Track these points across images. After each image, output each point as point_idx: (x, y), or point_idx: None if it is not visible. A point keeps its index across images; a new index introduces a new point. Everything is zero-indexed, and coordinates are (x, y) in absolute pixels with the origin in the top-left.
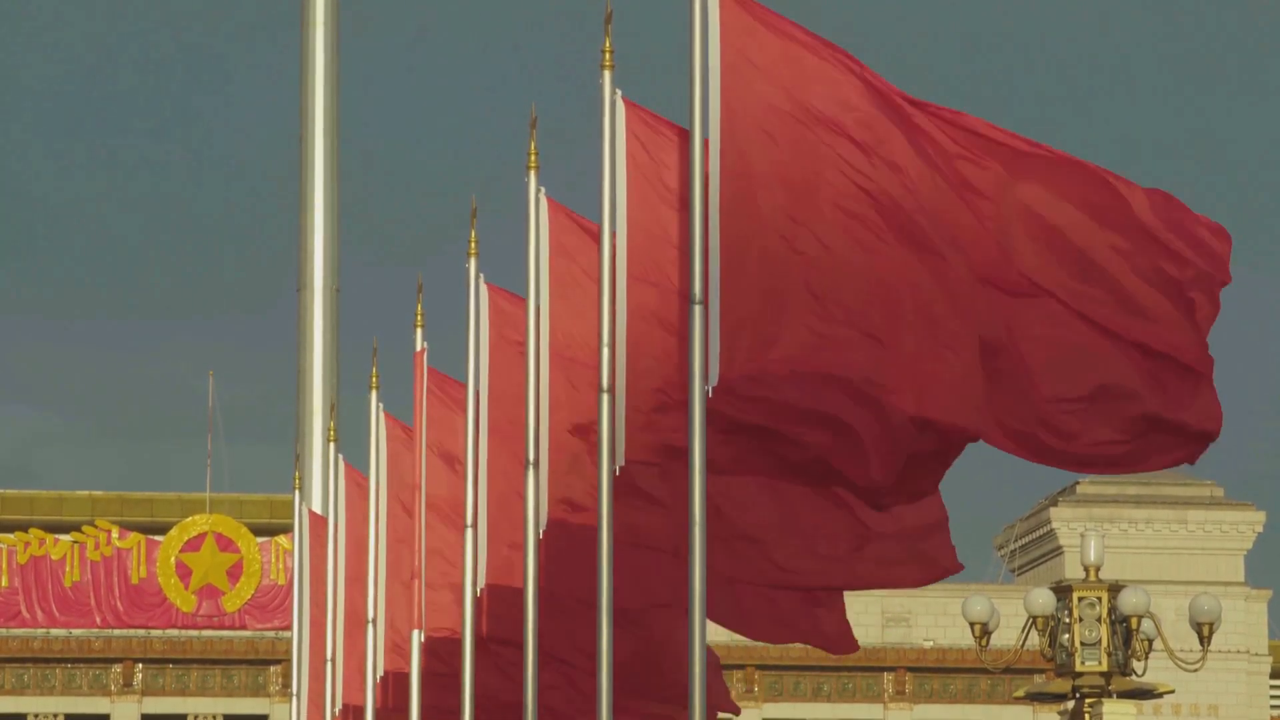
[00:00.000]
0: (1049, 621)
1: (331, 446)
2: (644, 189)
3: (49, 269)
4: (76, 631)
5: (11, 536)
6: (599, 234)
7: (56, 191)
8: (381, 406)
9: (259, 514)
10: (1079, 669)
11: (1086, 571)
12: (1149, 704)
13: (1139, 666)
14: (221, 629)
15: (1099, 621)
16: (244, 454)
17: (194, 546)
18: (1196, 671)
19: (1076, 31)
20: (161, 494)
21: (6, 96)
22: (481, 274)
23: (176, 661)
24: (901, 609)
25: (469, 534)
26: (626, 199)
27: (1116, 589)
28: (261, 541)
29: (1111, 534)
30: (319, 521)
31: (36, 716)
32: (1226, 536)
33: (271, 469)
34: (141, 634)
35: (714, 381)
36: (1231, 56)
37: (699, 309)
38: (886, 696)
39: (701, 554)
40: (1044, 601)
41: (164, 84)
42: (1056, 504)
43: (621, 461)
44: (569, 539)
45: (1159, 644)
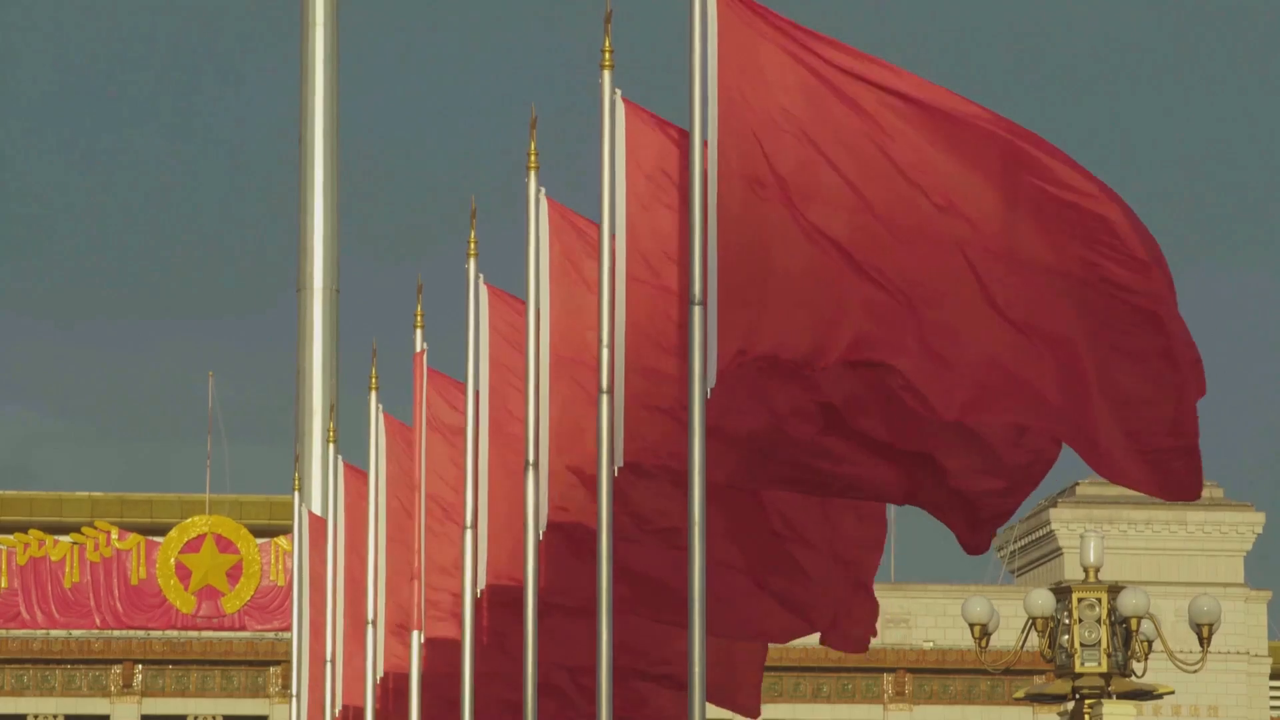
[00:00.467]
0: (1049, 622)
1: (331, 447)
2: (644, 189)
3: (49, 269)
4: (76, 632)
5: (11, 538)
6: (599, 234)
7: (56, 191)
8: (381, 407)
9: (259, 515)
10: (1079, 670)
11: (1086, 572)
12: (1149, 705)
13: (1139, 667)
14: (221, 630)
15: (1099, 622)
16: (244, 454)
17: (194, 547)
18: (1196, 672)
19: (1075, 32)
20: (161, 495)
21: (6, 96)
22: (481, 274)
23: (176, 662)
24: (901, 610)
25: (469, 534)
26: (626, 199)
27: (1116, 590)
28: (261, 542)
29: (1111, 535)
30: (319, 522)
31: (36, 717)
32: (1226, 537)
33: (271, 470)
34: (141, 635)
35: (713, 382)
36: (1231, 56)
37: (699, 309)
38: (886, 697)
39: (701, 554)
40: (1044, 602)
41: (164, 84)
42: (1056, 505)
43: (621, 462)
44: (568, 540)
45: (1159, 645)
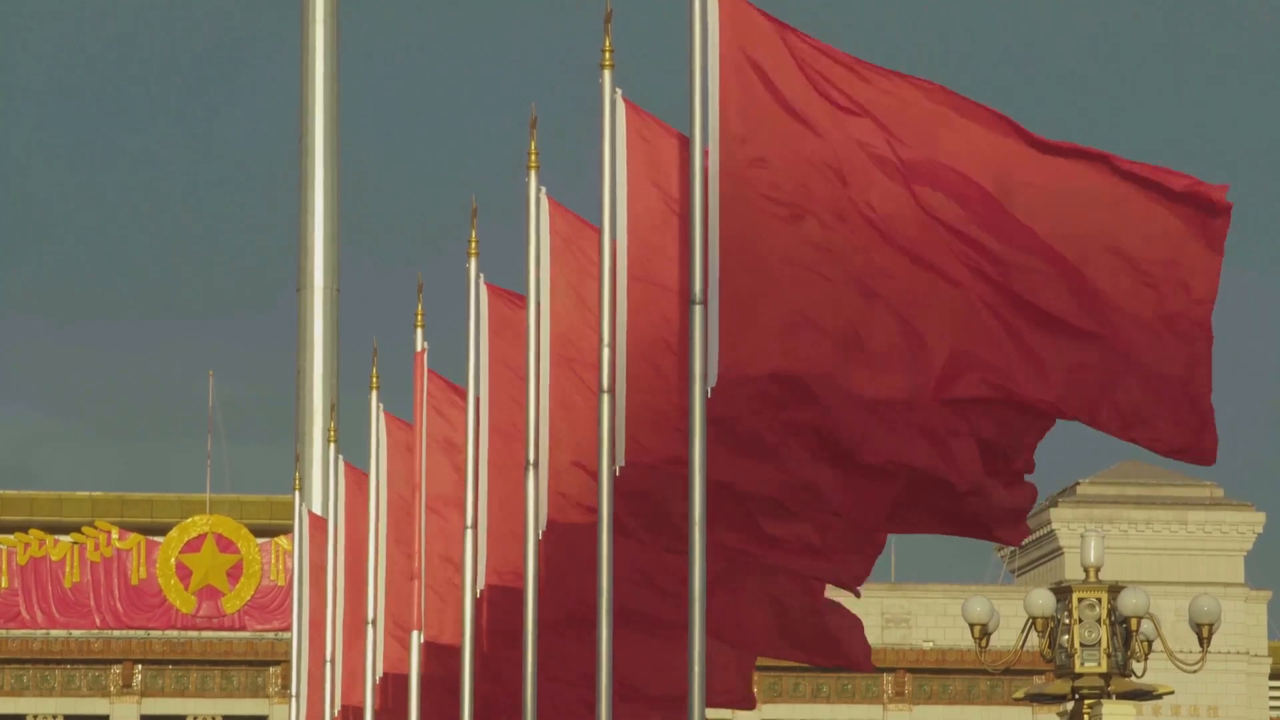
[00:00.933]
0: (1049, 622)
1: (331, 447)
2: (644, 188)
3: (49, 269)
4: (76, 632)
5: (11, 537)
6: (599, 234)
7: (57, 191)
8: (381, 407)
9: (259, 515)
10: (1078, 670)
11: (1086, 572)
12: (1148, 705)
13: (1138, 667)
14: (221, 630)
15: (1099, 622)
16: (244, 454)
17: (194, 547)
18: (1196, 672)
19: (1075, 31)
20: (161, 495)
21: (7, 96)
22: (481, 274)
23: (176, 662)
24: (901, 610)
25: (469, 535)
26: (627, 198)
27: (1116, 590)
28: (261, 542)
29: (1111, 535)
30: (319, 522)
31: (36, 717)
32: (1226, 537)
33: (271, 469)
34: (141, 635)
35: (714, 382)
36: (1230, 55)
37: (699, 309)
38: (886, 697)
39: (701, 554)
40: (1044, 602)
41: (164, 84)
42: (1056, 505)
43: (621, 462)
44: (568, 540)
45: (1159, 645)
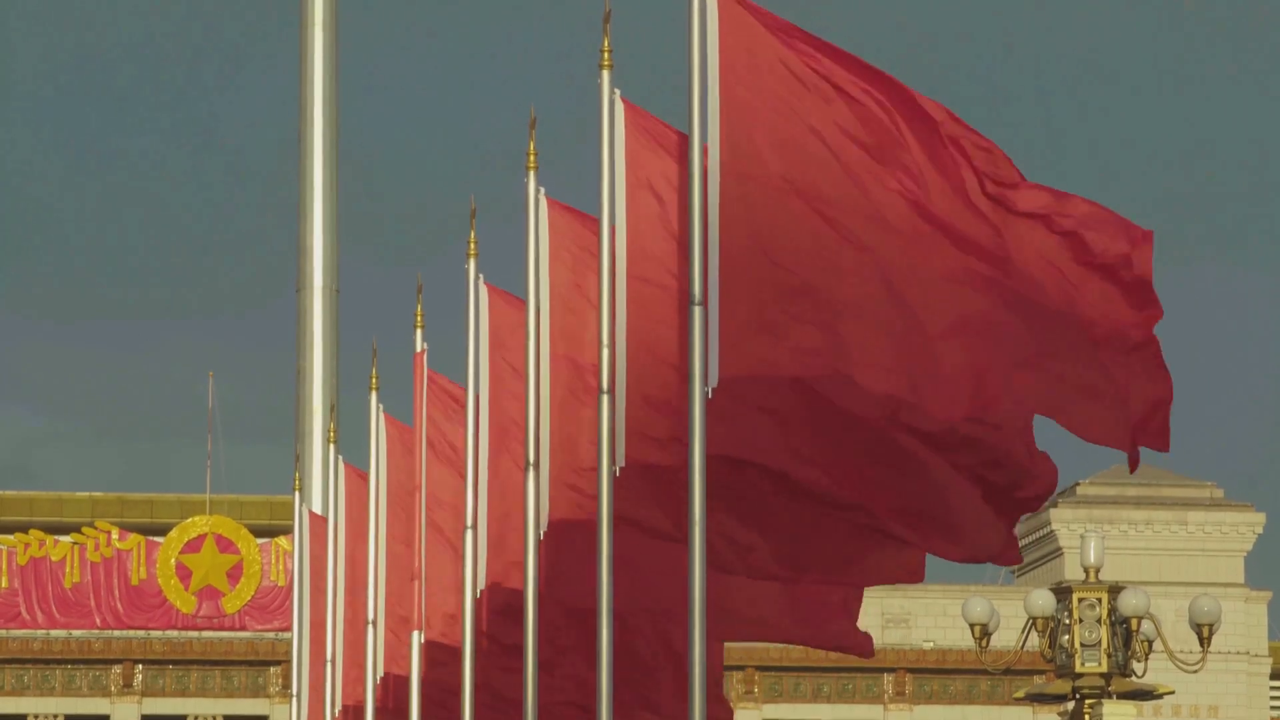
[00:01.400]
0: (1049, 623)
1: (331, 447)
2: (643, 188)
3: (49, 269)
4: (76, 633)
5: (11, 538)
6: (599, 234)
7: (56, 191)
8: (381, 407)
9: (259, 515)
10: (1079, 670)
11: (1086, 573)
12: (1149, 705)
13: (1139, 668)
14: (221, 630)
15: (1099, 623)
16: (244, 455)
17: (194, 547)
18: (1196, 673)
19: (1074, 31)
20: (161, 495)
21: (7, 96)
22: (481, 274)
23: (176, 662)
24: (901, 610)
25: (469, 535)
26: (626, 199)
27: (1116, 590)
28: (261, 542)
29: (1111, 535)
30: (319, 522)
31: (36, 717)
32: (1226, 538)
33: (271, 470)
34: (141, 635)
35: (714, 382)
36: (1229, 56)
37: (699, 309)
38: (886, 698)
39: (701, 554)
40: (1044, 603)
41: (164, 84)
42: (1056, 505)
43: (622, 462)
44: (569, 540)
45: (1159, 645)
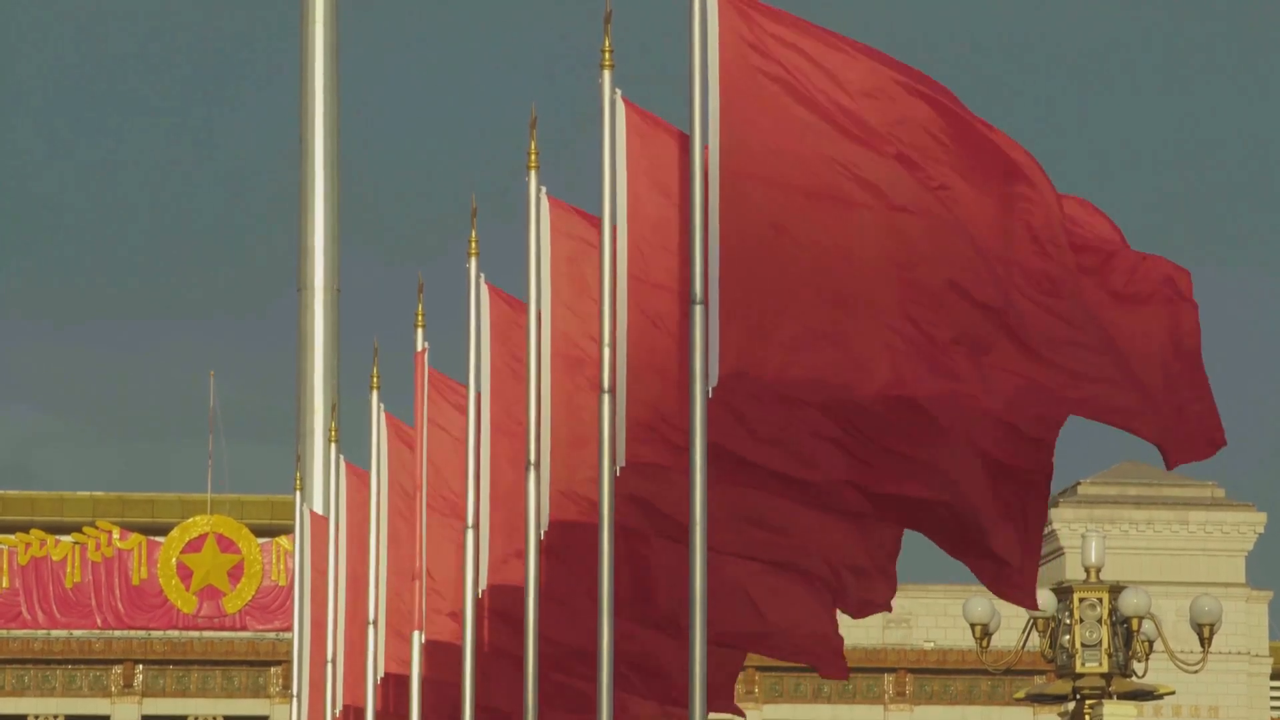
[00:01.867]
0: (1050, 623)
1: (332, 447)
2: (644, 188)
3: (49, 269)
4: (77, 633)
5: (12, 537)
6: (600, 233)
7: (57, 191)
8: (382, 407)
9: (260, 515)
10: (1079, 670)
11: (1087, 572)
12: (1149, 705)
13: (1139, 668)
14: (222, 630)
15: (1100, 623)
16: (245, 454)
17: (195, 547)
18: (1197, 673)
19: (1074, 30)
20: (162, 495)
21: (7, 97)
22: (482, 274)
23: (177, 663)
24: (902, 610)
25: (470, 535)
26: (627, 198)
27: (1117, 590)
28: (262, 542)
29: (1112, 535)
30: (320, 522)
31: (37, 717)
32: (1227, 538)
33: (272, 469)
34: (142, 635)
35: (714, 382)
36: (1229, 55)
37: (699, 309)
38: (887, 698)
39: (702, 554)
40: (1045, 603)
41: (164, 84)
42: (1057, 505)
43: (622, 462)
44: (570, 539)
45: (1160, 645)
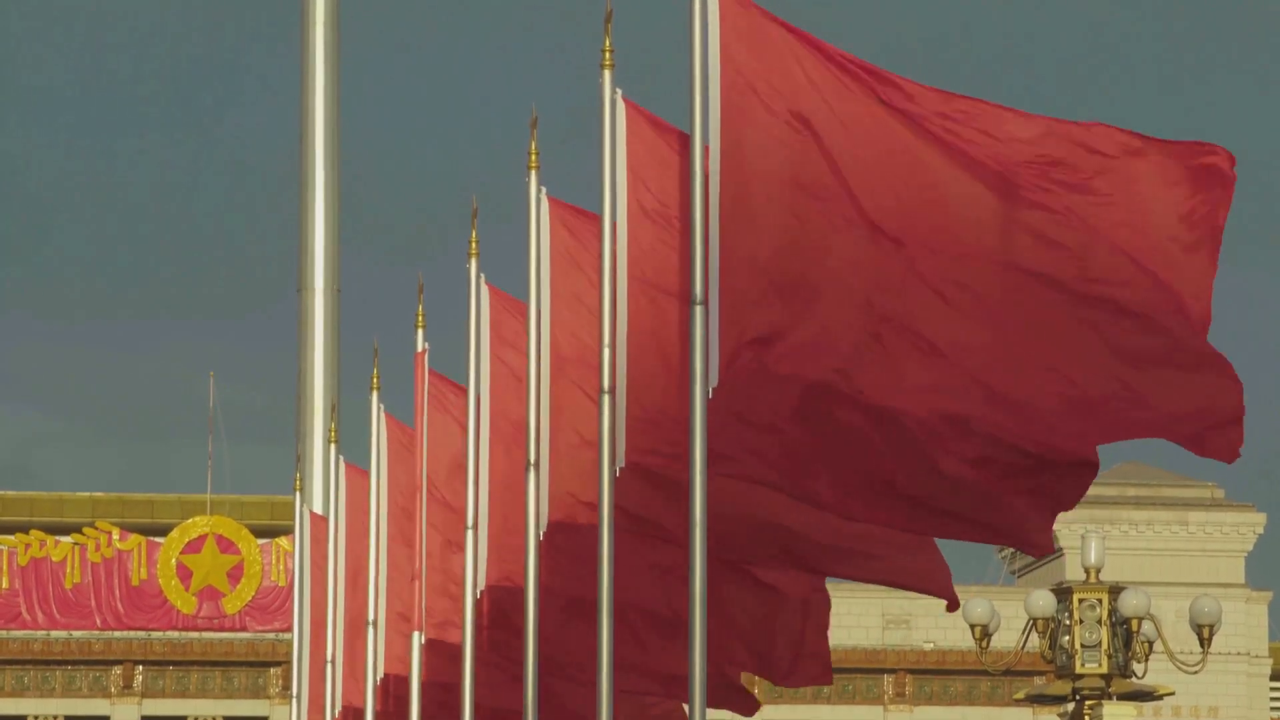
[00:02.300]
0: (1049, 623)
1: (332, 447)
2: (644, 188)
3: (49, 269)
4: (77, 633)
5: (12, 538)
6: (600, 233)
7: (57, 192)
8: (382, 407)
9: (260, 515)
10: (1079, 671)
11: (1087, 573)
12: (1149, 706)
13: (1139, 668)
14: (222, 631)
15: (1099, 623)
16: (245, 455)
17: (195, 548)
18: (1197, 673)
19: (1074, 30)
20: (162, 495)
21: (7, 97)
22: (482, 274)
23: (177, 663)
24: (901, 611)
25: (469, 535)
26: (627, 199)
27: (1117, 591)
28: (262, 543)
29: (1112, 536)
30: (320, 523)
31: (37, 718)
32: (1227, 538)
33: (272, 470)
34: (142, 636)
35: (714, 382)
36: (1229, 54)
37: (699, 309)
38: (886, 698)
39: (702, 554)
40: (1044, 603)
41: (164, 84)
42: None
43: (622, 462)
44: (570, 540)
45: (1159, 646)
